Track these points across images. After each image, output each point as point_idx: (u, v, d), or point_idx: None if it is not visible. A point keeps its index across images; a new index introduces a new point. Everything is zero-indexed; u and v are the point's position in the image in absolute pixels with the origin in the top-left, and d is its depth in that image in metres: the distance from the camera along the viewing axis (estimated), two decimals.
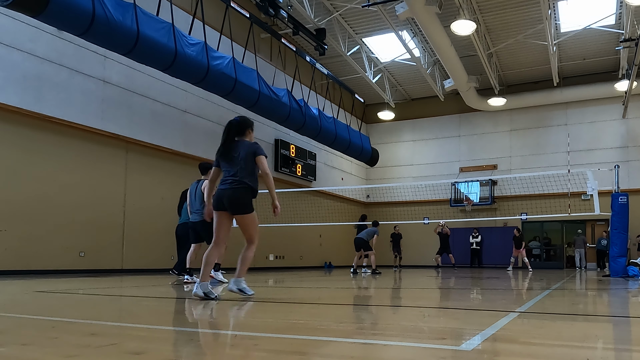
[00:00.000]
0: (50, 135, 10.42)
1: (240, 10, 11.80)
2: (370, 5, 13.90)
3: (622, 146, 19.89)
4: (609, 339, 2.90)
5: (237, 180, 4.64)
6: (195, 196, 7.81)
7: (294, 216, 16.01)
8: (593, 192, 11.19)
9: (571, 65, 19.67)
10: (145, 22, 9.12)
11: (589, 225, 21.07)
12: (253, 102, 12.12)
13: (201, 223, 7.71)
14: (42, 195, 10.22)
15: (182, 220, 9.45)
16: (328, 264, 20.34)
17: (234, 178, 4.64)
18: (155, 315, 3.84)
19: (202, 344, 2.55)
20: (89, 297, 5.24)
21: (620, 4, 15.19)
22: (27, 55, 10.00)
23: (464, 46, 17.46)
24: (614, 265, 11.58)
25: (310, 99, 15.02)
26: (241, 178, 4.65)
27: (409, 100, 23.28)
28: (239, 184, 4.64)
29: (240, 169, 4.65)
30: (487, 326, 3.00)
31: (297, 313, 4.00)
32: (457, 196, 21.48)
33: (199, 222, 7.75)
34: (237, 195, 4.63)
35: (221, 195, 4.65)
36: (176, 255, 8.93)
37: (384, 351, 2.37)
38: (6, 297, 5.27)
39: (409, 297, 5.93)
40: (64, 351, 2.23)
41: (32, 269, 9.88)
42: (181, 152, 13.44)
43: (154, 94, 12.70)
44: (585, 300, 5.89)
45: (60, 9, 7.74)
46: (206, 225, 7.58)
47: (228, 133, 4.81)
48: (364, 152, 17.61)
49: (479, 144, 22.09)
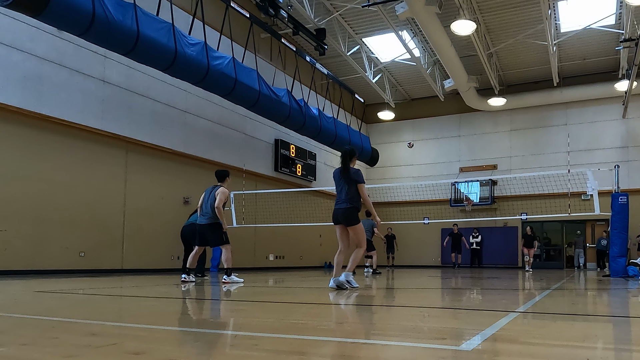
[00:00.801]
0: (50, 135, 10.42)
1: (240, 10, 11.80)
2: (370, 5, 13.90)
3: (622, 146, 19.89)
4: (609, 339, 2.90)
5: (347, 201, 5.96)
6: (208, 201, 7.85)
7: (294, 216, 16.01)
8: (593, 192, 11.19)
9: (571, 65, 19.67)
10: (145, 22, 9.12)
11: (589, 225, 21.06)
12: (253, 102, 12.13)
13: (209, 226, 7.79)
14: (42, 195, 10.22)
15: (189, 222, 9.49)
16: (328, 264, 20.32)
17: (344, 199, 5.97)
18: (155, 315, 3.84)
19: (202, 344, 2.55)
20: (89, 297, 5.24)
21: (620, 4, 15.19)
22: (27, 55, 10.00)
23: (464, 46, 17.46)
24: (614, 265, 11.58)
25: (310, 99, 15.02)
26: (349, 199, 5.96)
27: (409, 100, 23.28)
28: (348, 204, 5.96)
29: (348, 191, 5.96)
30: (487, 326, 3.00)
31: (297, 313, 4.00)
32: (457, 196, 21.48)
33: (206, 225, 7.81)
34: (347, 214, 5.99)
35: (336, 213, 6.07)
36: (177, 256, 8.97)
37: (384, 351, 2.37)
38: (6, 297, 5.27)
39: (409, 297, 5.93)
40: (64, 351, 2.23)
41: (32, 269, 9.88)
42: (181, 152, 13.44)
43: (154, 94, 12.70)
44: (585, 300, 5.89)
45: (60, 9, 7.75)
46: (213, 228, 7.76)
47: (345, 160, 6.00)
48: (364, 152, 17.63)
49: (479, 144, 22.09)
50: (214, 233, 7.82)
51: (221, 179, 7.98)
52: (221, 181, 7.96)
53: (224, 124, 15.03)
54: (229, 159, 14.87)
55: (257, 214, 15.13)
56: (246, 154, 15.75)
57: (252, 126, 16.23)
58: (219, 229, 7.79)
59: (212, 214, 7.75)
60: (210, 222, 7.79)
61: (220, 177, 7.99)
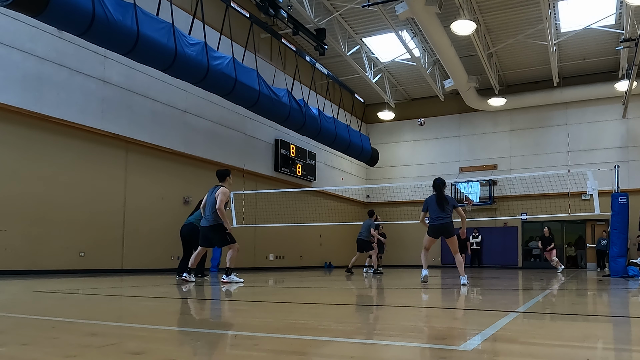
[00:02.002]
0: (50, 135, 10.42)
1: (240, 10, 11.80)
2: (370, 5, 13.90)
3: (622, 146, 19.89)
4: (609, 339, 2.90)
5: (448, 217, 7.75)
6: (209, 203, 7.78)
7: (294, 216, 16.01)
8: (593, 192, 11.19)
9: (571, 65, 19.67)
10: (145, 22, 9.12)
11: (589, 225, 21.06)
12: (253, 102, 12.12)
13: (210, 229, 7.75)
14: (42, 195, 10.22)
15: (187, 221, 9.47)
16: (328, 264, 20.33)
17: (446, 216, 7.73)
18: (155, 315, 3.84)
19: (202, 344, 2.55)
20: (89, 297, 5.24)
21: (620, 4, 15.19)
22: (27, 55, 10.00)
23: (464, 46, 17.47)
24: (614, 265, 11.58)
25: (310, 99, 15.02)
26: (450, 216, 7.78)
27: (409, 100, 23.28)
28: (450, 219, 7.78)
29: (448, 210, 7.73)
30: (487, 326, 3.00)
31: (297, 313, 4.00)
32: (457, 196, 21.46)
33: (208, 227, 7.77)
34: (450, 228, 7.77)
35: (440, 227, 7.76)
36: (177, 256, 8.99)
37: (384, 351, 2.37)
38: (6, 297, 5.27)
39: (409, 297, 5.93)
40: (64, 351, 2.23)
41: (32, 269, 9.88)
42: (181, 152, 13.44)
43: (154, 94, 12.70)
44: (585, 300, 5.89)
45: (60, 9, 7.75)
46: (215, 230, 7.71)
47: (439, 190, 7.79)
48: (364, 152, 17.62)
49: (479, 144, 22.09)
50: (217, 234, 7.77)
51: (222, 178, 7.90)
52: (222, 181, 7.88)
53: (224, 124, 15.03)
54: (229, 159, 14.87)
55: (257, 214, 15.13)
56: (246, 154, 15.75)
57: (252, 126, 16.23)
58: (221, 230, 7.74)
59: (213, 216, 7.68)
60: (212, 225, 7.73)
61: (221, 176, 7.91)
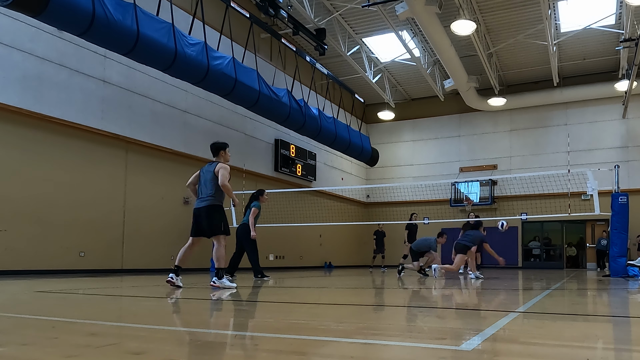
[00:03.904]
0: (50, 135, 10.42)
1: (240, 10, 11.80)
2: (370, 5, 13.90)
3: (622, 146, 19.89)
4: (609, 339, 2.90)
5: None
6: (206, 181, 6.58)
7: (294, 216, 16.00)
8: (593, 192, 11.19)
9: (571, 65, 19.67)
10: (145, 22, 9.12)
11: (589, 225, 21.06)
12: (253, 102, 12.13)
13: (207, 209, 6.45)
14: (42, 195, 10.22)
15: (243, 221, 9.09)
16: (328, 264, 20.33)
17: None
18: (155, 315, 3.84)
19: (202, 344, 2.55)
20: (89, 297, 5.24)
21: (620, 4, 15.19)
22: (27, 55, 10.00)
23: (464, 46, 17.47)
24: (614, 265, 11.57)
25: (310, 99, 15.02)
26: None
27: (409, 100, 23.28)
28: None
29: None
30: (487, 326, 3.00)
31: (297, 313, 4.00)
32: (457, 196, 21.46)
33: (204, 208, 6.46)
34: None
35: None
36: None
37: (384, 351, 2.37)
38: (6, 297, 5.27)
39: (409, 297, 5.93)
40: (64, 351, 2.23)
41: (32, 269, 9.88)
42: (181, 152, 13.43)
43: (154, 94, 12.70)
44: (585, 300, 5.89)
45: (60, 9, 7.75)
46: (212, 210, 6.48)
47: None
48: (364, 152, 17.62)
49: (479, 144, 22.09)
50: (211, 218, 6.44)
51: (216, 152, 6.71)
52: (216, 155, 6.71)
53: (224, 124, 15.03)
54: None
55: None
56: (246, 154, 15.75)
57: (252, 126, 16.23)
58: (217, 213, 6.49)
59: (215, 195, 6.48)
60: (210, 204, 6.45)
61: (216, 150, 6.73)
